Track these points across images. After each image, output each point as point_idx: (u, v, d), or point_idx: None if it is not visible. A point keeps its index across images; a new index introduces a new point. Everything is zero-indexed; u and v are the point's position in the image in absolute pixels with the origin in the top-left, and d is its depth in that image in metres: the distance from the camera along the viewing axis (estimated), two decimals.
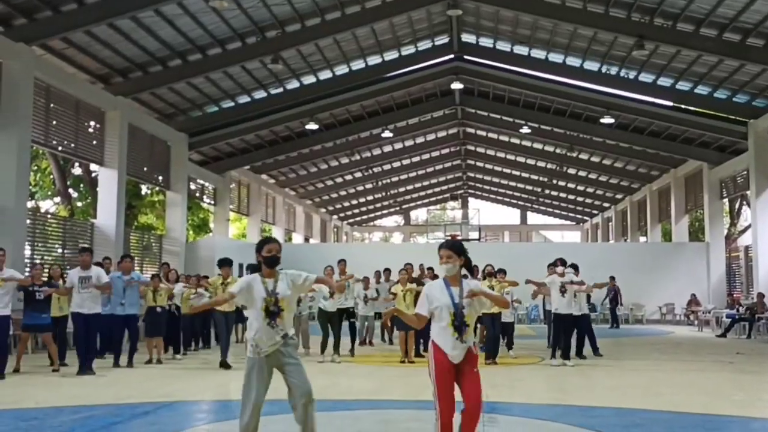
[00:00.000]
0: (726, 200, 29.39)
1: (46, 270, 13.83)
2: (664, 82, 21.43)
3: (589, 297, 14.91)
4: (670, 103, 23.46)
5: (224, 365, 11.64)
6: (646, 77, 21.49)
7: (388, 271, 16.77)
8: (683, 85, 21.33)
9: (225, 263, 12.48)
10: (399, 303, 12.75)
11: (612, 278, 20.14)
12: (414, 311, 5.44)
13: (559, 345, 12.43)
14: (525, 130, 28.71)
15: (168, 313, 13.35)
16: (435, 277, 15.93)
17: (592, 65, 21.62)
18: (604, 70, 21.63)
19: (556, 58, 21.78)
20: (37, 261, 16.44)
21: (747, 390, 9.92)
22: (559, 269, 12.72)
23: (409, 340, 12.79)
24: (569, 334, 12.56)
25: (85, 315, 10.92)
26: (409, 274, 13.56)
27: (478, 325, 12.72)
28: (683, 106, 23.52)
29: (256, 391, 5.24)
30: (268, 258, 5.51)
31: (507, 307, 11.88)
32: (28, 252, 16.02)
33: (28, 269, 15.22)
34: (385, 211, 51.15)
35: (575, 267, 13.14)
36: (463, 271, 5.33)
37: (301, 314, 14.11)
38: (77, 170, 24.14)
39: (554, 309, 12.61)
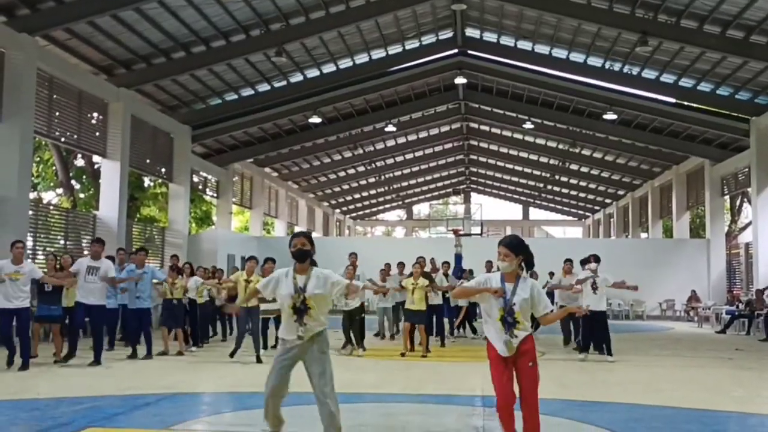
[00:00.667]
0: (727, 197, 29.40)
1: (39, 261, 13.82)
2: (667, 78, 21.41)
3: None
4: (673, 100, 23.46)
5: (258, 360, 11.67)
6: (649, 73, 21.47)
7: (402, 264, 16.65)
8: (686, 82, 21.32)
9: (250, 258, 12.58)
10: (408, 296, 12.88)
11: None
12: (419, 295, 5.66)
13: (589, 342, 12.66)
14: (528, 125, 28.72)
15: (183, 305, 13.37)
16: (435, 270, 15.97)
17: (595, 61, 21.60)
18: (607, 66, 21.61)
19: (559, 53, 21.76)
20: (39, 253, 16.49)
21: (746, 386, 9.95)
22: (593, 265, 12.74)
23: (421, 333, 12.86)
24: (593, 331, 12.67)
25: (88, 306, 10.95)
26: (422, 268, 13.57)
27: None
28: (686, 103, 23.52)
29: (273, 381, 5.39)
30: (295, 253, 5.55)
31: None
32: (30, 243, 16.04)
33: (29, 260, 15.31)
34: (387, 206, 51.16)
35: (598, 260, 13.09)
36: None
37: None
38: (80, 162, 24.14)
39: (585, 305, 12.63)
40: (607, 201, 41.91)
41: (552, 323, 5.83)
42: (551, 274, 16.39)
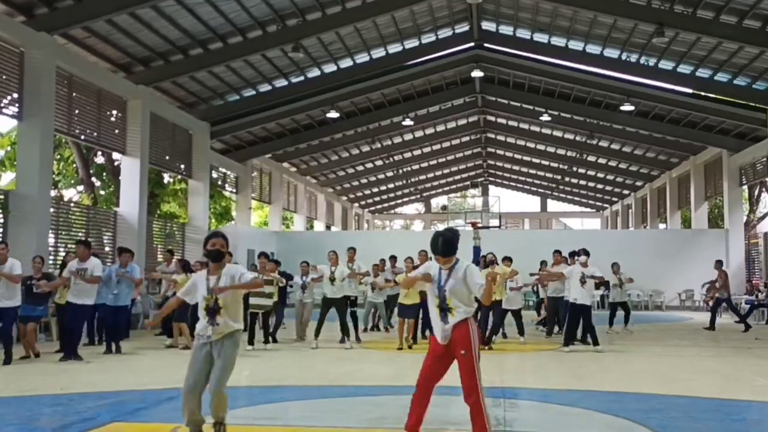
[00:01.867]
0: (745, 187, 29.16)
1: (60, 257, 13.95)
2: (684, 69, 21.26)
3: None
4: (690, 91, 23.28)
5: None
6: (666, 64, 21.32)
7: (393, 258, 16.89)
8: (703, 72, 21.15)
9: (261, 255, 12.77)
10: (401, 291, 12.92)
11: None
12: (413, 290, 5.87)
13: (571, 333, 12.76)
14: (545, 117, 28.61)
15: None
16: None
17: (612, 53, 21.47)
18: (624, 57, 21.46)
19: (576, 45, 21.66)
20: (61, 249, 16.70)
21: (766, 375, 9.93)
22: (582, 259, 12.78)
23: (409, 327, 12.93)
24: (578, 324, 12.75)
25: (74, 305, 11.16)
26: (412, 263, 13.66)
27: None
28: (703, 94, 23.33)
29: (188, 378, 5.59)
30: (209, 252, 5.72)
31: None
32: (52, 240, 16.24)
33: (51, 257, 15.54)
34: (405, 199, 51.18)
35: (587, 254, 13.12)
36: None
37: (304, 302, 14.30)
38: (100, 159, 24.36)
39: (572, 299, 12.68)
40: (625, 192, 41.68)
41: (488, 302, 5.86)
42: (543, 262, 16.45)
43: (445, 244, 5.51)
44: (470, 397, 5.34)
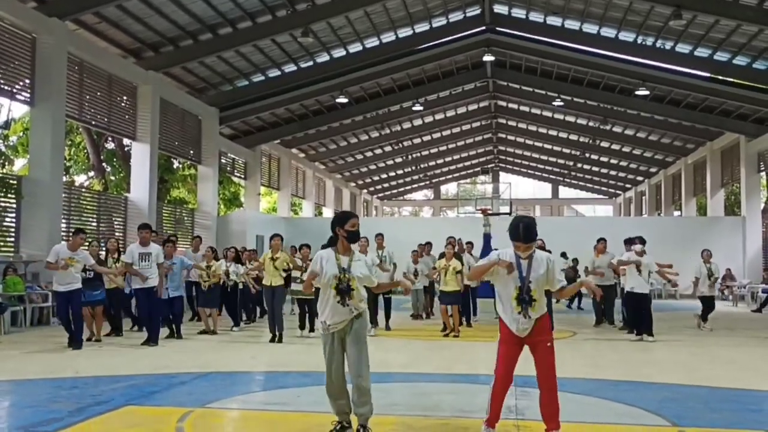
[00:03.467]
0: (763, 173, 28.81)
1: (103, 244, 14.02)
2: (702, 52, 20.93)
3: None
4: (708, 75, 22.96)
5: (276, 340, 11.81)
6: (682, 48, 21.00)
7: (429, 244, 16.58)
8: (721, 56, 20.81)
9: (275, 236, 12.54)
10: (441, 278, 12.86)
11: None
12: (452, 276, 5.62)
13: (638, 322, 12.54)
14: (558, 102, 28.38)
15: (222, 287, 13.54)
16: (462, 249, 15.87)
17: (627, 36, 21.19)
18: (639, 40, 21.19)
19: (590, 28, 21.39)
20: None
21: None
22: (638, 247, 12.56)
23: (454, 314, 12.84)
24: (642, 311, 12.56)
25: (147, 289, 11.20)
26: (453, 248, 13.49)
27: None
28: (721, 78, 22.98)
29: (329, 363, 5.43)
30: (352, 233, 5.54)
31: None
32: (64, 225, 16.25)
33: (65, 242, 15.52)
34: (415, 185, 51.07)
35: (643, 241, 12.88)
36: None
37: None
38: (110, 145, 24.37)
39: (629, 287, 12.52)
40: (639, 179, 41.38)
41: (567, 297, 5.73)
42: (564, 255, 16.15)
43: (526, 230, 5.19)
44: (552, 389, 5.25)
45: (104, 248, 13.76)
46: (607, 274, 14.26)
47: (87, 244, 12.04)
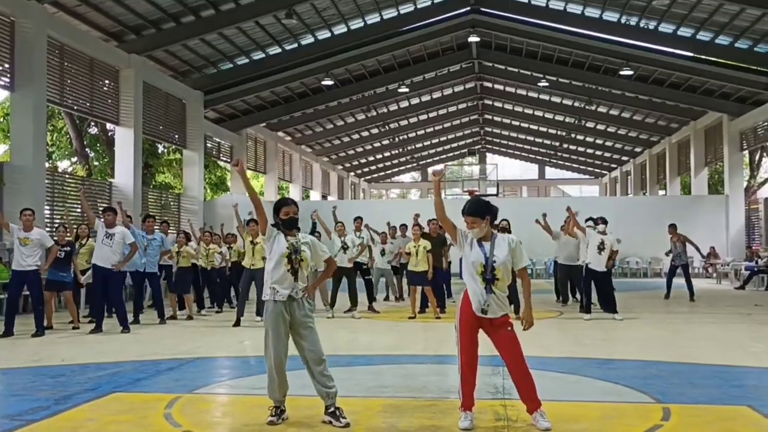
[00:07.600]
0: (746, 152, 29.04)
1: (74, 228, 13.92)
2: (685, 32, 20.99)
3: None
4: (691, 54, 23.04)
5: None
6: (666, 28, 21.05)
7: (404, 226, 16.56)
8: (704, 36, 20.89)
9: (251, 221, 12.44)
10: (411, 258, 12.82)
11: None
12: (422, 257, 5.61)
13: (586, 298, 12.55)
14: (543, 83, 28.38)
15: (194, 271, 13.56)
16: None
17: (611, 16, 21.21)
18: (623, 20, 21.21)
19: (574, 9, 21.38)
20: (57, 220, 16.58)
21: (765, 341, 9.91)
22: (601, 227, 12.65)
23: (429, 294, 12.85)
24: (592, 289, 12.64)
25: (102, 268, 10.96)
26: (420, 229, 13.44)
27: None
28: (704, 57, 23.08)
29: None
30: (285, 221, 5.60)
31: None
32: (47, 212, 16.14)
33: (48, 228, 15.42)
34: (402, 168, 51.04)
35: (605, 221, 12.95)
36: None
37: (317, 270, 14.16)
38: (93, 129, 24.18)
39: (587, 263, 12.59)
40: (624, 158, 41.56)
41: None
42: (544, 215, 16.14)
43: (471, 204, 5.41)
44: (523, 370, 5.35)
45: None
46: (575, 254, 14.26)
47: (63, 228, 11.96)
